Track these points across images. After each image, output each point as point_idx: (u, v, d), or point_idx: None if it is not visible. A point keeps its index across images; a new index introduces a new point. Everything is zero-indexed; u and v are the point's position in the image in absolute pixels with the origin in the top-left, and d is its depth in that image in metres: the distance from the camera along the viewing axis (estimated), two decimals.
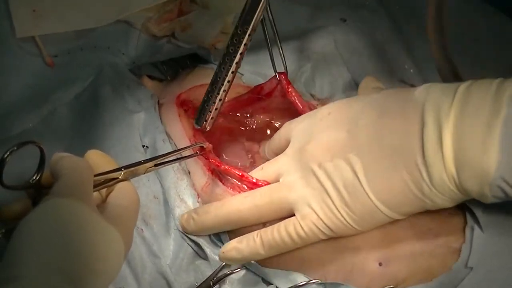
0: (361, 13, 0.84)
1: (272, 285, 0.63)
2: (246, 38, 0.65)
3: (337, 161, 0.57)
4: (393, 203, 0.56)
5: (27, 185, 0.50)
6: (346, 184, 0.57)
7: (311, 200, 0.59)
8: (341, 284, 0.61)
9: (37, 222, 0.44)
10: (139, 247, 0.66)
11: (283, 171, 0.62)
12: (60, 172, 0.49)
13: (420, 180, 0.53)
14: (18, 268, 0.41)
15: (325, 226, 0.58)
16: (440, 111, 0.52)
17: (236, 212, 0.63)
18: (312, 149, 0.60)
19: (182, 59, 0.85)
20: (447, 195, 0.54)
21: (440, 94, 0.53)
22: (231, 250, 0.62)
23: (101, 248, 0.46)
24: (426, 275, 0.61)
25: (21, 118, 0.79)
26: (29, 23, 0.83)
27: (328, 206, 0.58)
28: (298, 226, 0.59)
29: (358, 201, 0.57)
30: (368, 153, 0.56)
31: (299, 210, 0.60)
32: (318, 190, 0.58)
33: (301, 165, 0.60)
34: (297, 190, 0.60)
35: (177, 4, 0.84)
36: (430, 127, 0.52)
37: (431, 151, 0.52)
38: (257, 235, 0.61)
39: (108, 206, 0.52)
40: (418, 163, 0.53)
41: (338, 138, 0.58)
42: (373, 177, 0.56)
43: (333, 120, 0.60)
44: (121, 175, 0.55)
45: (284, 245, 0.60)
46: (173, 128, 0.73)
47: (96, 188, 0.52)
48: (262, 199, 0.62)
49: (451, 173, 0.52)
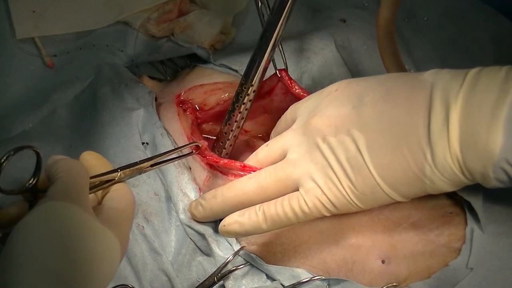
0: (360, 14, 0.84)
1: (276, 281, 0.63)
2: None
3: (341, 136, 0.57)
4: (394, 181, 0.55)
5: (24, 189, 0.50)
6: (349, 159, 0.56)
7: (315, 174, 0.58)
8: (344, 280, 0.61)
9: (32, 226, 0.44)
10: (140, 244, 0.66)
11: (287, 146, 0.61)
12: (55, 175, 0.49)
13: (422, 160, 0.53)
14: (14, 272, 0.41)
15: (329, 201, 0.58)
16: (449, 92, 0.52)
17: (241, 194, 0.63)
18: (317, 123, 0.59)
19: (181, 59, 0.85)
20: (449, 176, 0.53)
21: (449, 78, 0.53)
22: (233, 223, 0.61)
23: (96, 251, 0.46)
24: (426, 274, 0.61)
25: (20, 119, 0.79)
26: (29, 24, 0.83)
27: (332, 180, 0.57)
28: (302, 201, 0.58)
29: (360, 176, 0.56)
30: (372, 129, 0.55)
31: (303, 185, 0.58)
32: (322, 164, 0.57)
33: (306, 139, 0.60)
34: (301, 165, 0.59)
35: (176, 5, 0.84)
36: (437, 107, 0.52)
37: (436, 130, 0.52)
38: (259, 209, 0.60)
39: (104, 208, 0.52)
40: (421, 142, 0.52)
41: (343, 113, 0.58)
42: (376, 153, 0.55)
43: (339, 96, 0.60)
44: (117, 177, 0.55)
45: (287, 220, 0.59)
46: (172, 127, 0.73)
47: (91, 190, 0.52)
48: (267, 178, 0.61)
49: (455, 154, 0.51)
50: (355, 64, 0.81)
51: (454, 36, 0.82)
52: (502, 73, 0.50)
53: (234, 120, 0.69)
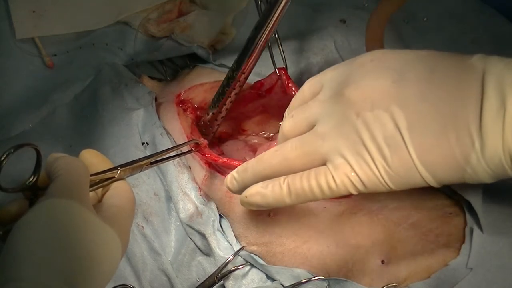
0: (360, 14, 0.84)
1: (276, 282, 0.63)
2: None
3: (378, 111, 0.53)
4: (433, 166, 0.52)
5: (24, 187, 0.50)
6: (386, 137, 0.52)
7: (345, 150, 0.54)
8: (344, 280, 0.61)
9: (33, 223, 0.44)
10: (139, 244, 0.66)
11: (315, 119, 0.57)
12: (55, 172, 0.49)
13: (469, 148, 0.50)
14: (15, 269, 0.41)
15: (359, 180, 0.54)
16: (504, 81, 0.49)
17: (268, 167, 0.59)
18: (350, 95, 0.55)
19: (181, 59, 0.85)
20: (494, 168, 0.51)
21: (503, 66, 0.50)
22: (255, 194, 0.59)
23: (97, 248, 0.46)
24: (426, 274, 0.61)
25: (20, 119, 0.79)
26: (29, 24, 0.83)
27: (363, 158, 0.53)
28: (330, 177, 0.55)
29: (397, 156, 0.52)
30: (414, 109, 0.52)
31: (332, 160, 0.55)
32: (354, 140, 0.54)
33: (337, 111, 0.56)
34: (330, 140, 0.55)
35: (176, 5, 0.84)
36: (491, 95, 0.49)
37: (489, 119, 0.49)
38: (284, 182, 0.57)
39: (104, 205, 0.52)
40: (471, 129, 0.50)
41: (381, 87, 0.53)
42: (417, 134, 0.52)
43: (376, 67, 0.55)
44: (117, 174, 0.55)
45: (312, 195, 0.56)
46: (172, 126, 0.73)
47: (92, 188, 0.52)
48: (293, 152, 0.58)
49: (508, 145, 0.49)
50: None
51: (454, 37, 0.82)
52: None
53: (223, 103, 0.70)
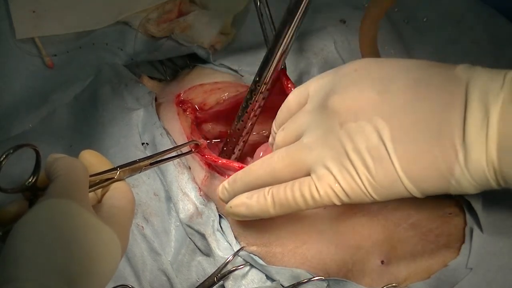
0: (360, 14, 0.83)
1: (276, 282, 0.63)
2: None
3: (362, 122, 0.53)
4: (417, 177, 0.52)
5: (24, 187, 0.50)
6: (370, 148, 0.52)
7: (329, 161, 0.54)
8: (343, 280, 0.61)
9: (33, 223, 0.44)
10: (139, 245, 0.66)
11: (302, 130, 0.58)
12: (55, 173, 0.49)
13: (453, 159, 0.50)
14: (14, 269, 0.41)
15: (342, 191, 0.54)
16: (488, 93, 0.49)
17: (256, 178, 0.60)
18: (334, 105, 0.55)
19: (181, 59, 0.85)
20: (479, 180, 0.50)
21: (487, 78, 0.50)
22: (240, 205, 0.60)
23: (97, 248, 0.46)
24: (426, 274, 0.61)
25: (20, 119, 0.80)
26: (29, 24, 0.83)
27: (347, 169, 0.53)
28: (314, 187, 0.55)
29: (380, 168, 0.52)
30: (398, 120, 0.52)
31: (316, 171, 0.55)
32: (338, 151, 0.54)
33: (322, 122, 0.56)
34: (315, 150, 0.56)
35: (176, 5, 0.84)
36: (475, 106, 0.49)
37: (473, 131, 0.49)
38: (268, 192, 0.58)
39: (104, 206, 0.52)
40: (455, 141, 0.50)
41: (365, 98, 0.54)
42: (401, 146, 0.52)
43: (360, 77, 0.55)
44: (116, 175, 0.55)
45: (296, 206, 0.57)
46: (172, 127, 0.73)
47: (91, 189, 0.53)
48: (279, 162, 0.58)
49: (491, 158, 0.49)
50: None
51: (454, 37, 0.82)
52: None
53: (247, 117, 0.68)
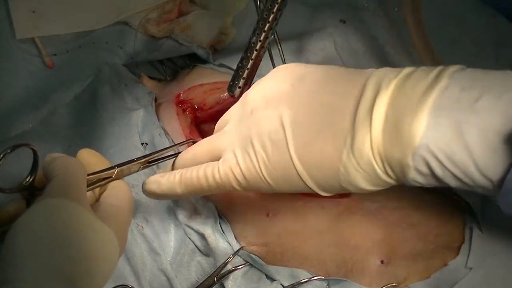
0: (360, 14, 0.84)
1: (276, 282, 0.63)
2: (280, 2, 0.63)
3: (269, 110, 0.55)
4: (309, 162, 0.52)
5: (21, 187, 0.50)
6: (271, 134, 0.54)
7: (236, 146, 0.56)
8: (343, 280, 0.61)
9: (31, 223, 0.44)
10: (139, 244, 0.66)
11: (227, 120, 0.60)
12: (53, 172, 0.49)
13: (341, 144, 0.50)
14: (12, 269, 0.41)
15: (241, 173, 0.55)
16: (382, 81, 0.49)
17: (181, 162, 0.62)
18: (252, 96, 0.58)
19: (181, 59, 0.85)
20: (364, 166, 0.49)
21: (388, 70, 0.50)
22: (152, 182, 0.61)
23: (95, 248, 0.46)
24: (425, 274, 0.61)
25: (20, 119, 0.79)
26: (29, 24, 0.83)
27: (248, 153, 0.55)
28: (216, 169, 0.57)
29: (276, 151, 0.53)
30: (302, 108, 0.53)
31: (224, 155, 0.57)
32: (244, 136, 0.56)
33: (239, 112, 0.59)
34: (229, 136, 0.58)
35: (176, 5, 0.84)
36: (368, 92, 0.49)
37: (362, 115, 0.49)
38: (178, 172, 0.60)
39: (102, 205, 0.52)
40: (345, 127, 0.49)
41: (279, 89, 0.56)
42: (299, 130, 0.53)
43: (283, 74, 0.58)
44: (114, 174, 0.55)
45: (199, 186, 0.58)
46: (171, 126, 0.73)
47: (89, 188, 0.53)
48: (199, 147, 0.61)
49: (376, 141, 0.48)
50: (354, 65, 0.81)
51: (454, 37, 0.82)
52: (437, 69, 0.48)
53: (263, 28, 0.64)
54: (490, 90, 0.44)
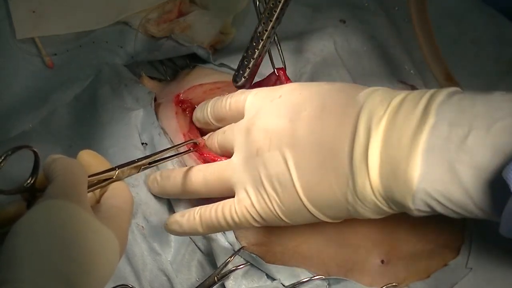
0: (360, 14, 0.84)
1: (276, 281, 0.63)
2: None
3: (274, 151, 0.56)
4: (319, 203, 0.54)
5: (22, 189, 0.50)
6: (279, 176, 0.56)
7: (247, 185, 0.58)
8: (344, 279, 0.61)
9: (31, 224, 0.44)
10: (139, 245, 0.66)
11: (233, 145, 0.62)
12: (53, 174, 0.49)
13: (345, 186, 0.51)
14: (12, 270, 0.41)
15: (257, 213, 0.58)
16: (372, 119, 0.50)
17: (189, 184, 0.64)
18: (255, 133, 0.59)
19: (181, 59, 0.85)
20: (370, 206, 0.51)
21: (378, 102, 0.51)
22: (173, 223, 0.63)
23: (95, 249, 0.46)
24: (425, 274, 0.61)
25: (20, 119, 0.79)
26: (29, 24, 0.83)
27: (261, 194, 0.57)
28: (233, 209, 0.59)
29: (287, 195, 0.55)
30: (302, 149, 0.55)
31: (237, 193, 0.59)
32: (254, 176, 0.58)
33: (245, 146, 0.60)
34: (238, 173, 0.59)
35: (176, 5, 0.84)
36: (360, 133, 0.50)
37: (358, 159, 0.50)
38: (197, 212, 0.61)
39: (102, 206, 0.52)
40: (345, 170, 0.51)
41: (279, 127, 0.57)
42: (303, 174, 0.54)
43: (280, 105, 0.59)
44: (115, 175, 0.55)
45: (220, 226, 0.60)
46: (170, 126, 0.73)
47: (90, 189, 0.52)
48: (211, 176, 0.62)
49: (375, 183, 0.49)
50: (354, 65, 0.81)
51: (454, 37, 0.82)
52: (425, 98, 0.48)
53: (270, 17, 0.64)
54: (478, 124, 0.45)
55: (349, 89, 0.55)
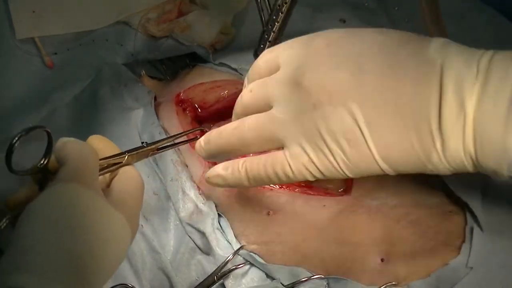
0: (360, 14, 0.84)
1: (276, 280, 0.63)
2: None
3: (337, 107, 0.52)
4: (393, 160, 0.52)
5: (35, 169, 0.49)
6: (345, 131, 0.52)
7: (303, 141, 0.54)
8: (343, 279, 0.60)
9: (43, 207, 0.44)
10: (139, 243, 0.66)
11: (273, 99, 0.56)
12: (65, 157, 0.49)
13: (430, 147, 0.50)
14: (25, 253, 0.41)
15: (316, 169, 0.55)
16: (463, 82, 0.48)
17: (227, 144, 0.60)
18: (308, 85, 0.54)
19: (181, 59, 0.85)
20: (456, 166, 0.51)
21: (461, 63, 0.49)
22: (216, 177, 0.61)
23: (107, 233, 0.46)
24: (426, 273, 0.60)
25: (20, 119, 0.79)
26: (29, 24, 0.83)
27: (322, 151, 0.54)
28: (287, 165, 0.55)
29: (356, 151, 0.53)
30: (373, 105, 0.52)
31: (289, 148, 0.55)
32: (312, 132, 0.54)
33: (294, 99, 0.55)
34: (287, 127, 0.55)
35: (176, 5, 0.84)
36: (450, 97, 0.49)
37: (449, 122, 0.49)
38: (242, 166, 0.59)
39: (113, 190, 0.52)
40: (432, 131, 0.50)
41: (340, 79, 0.53)
42: (377, 130, 0.52)
43: (333, 55, 0.54)
44: (124, 160, 0.55)
45: (269, 181, 0.58)
46: (171, 125, 0.73)
47: (100, 173, 0.52)
48: (250, 132, 0.58)
49: (468, 148, 0.49)
50: None
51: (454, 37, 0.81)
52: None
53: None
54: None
55: (411, 41, 0.53)
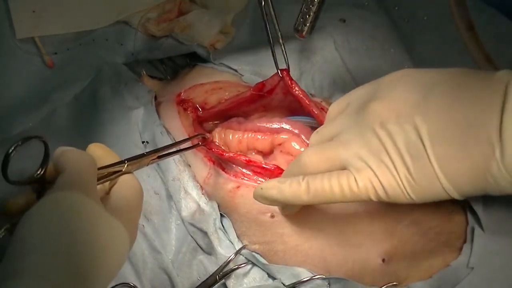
0: (360, 14, 0.84)
1: (277, 280, 0.63)
2: None
3: (402, 122, 0.54)
4: (454, 175, 0.53)
5: (32, 179, 0.49)
6: (409, 147, 0.53)
7: (367, 157, 0.55)
8: (344, 279, 0.60)
9: (41, 216, 0.44)
10: (140, 243, 0.66)
11: (339, 130, 0.59)
12: (63, 165, 0.49)
13: (490, 157, 0.50)
14: (21, 261, 0.41)
15: (380, 186, 0.54)
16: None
17: (289, 172, 0.61)
18: (376, 108, 0.56)
19: (181, 59, 0.85)
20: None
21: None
22: (272, 188, 0.59)
23: (105, 241, 0.46)
24: (427, 274, 0.60)
25: (20, 119, 0.80)
26: (29, 24, 0.83)
27: (387, 166, 0.54)
28: (352, 179, 0.55)
29: (418, 166, 0.53)
30: (438, 120, 0.53)
31: (353, 164, 0.56)
32: (377, 149, 0.55)
33: (360, 122, 0.57)
34: (351, 146, 0.56)
35: (176, 4, 0.84)
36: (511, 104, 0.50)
37: (509, 128, 0.49)
38: (303, 179, 0.58)
39: (112, 198, 0.52)
40: (492, 139, 0.50)
41: (410, 100, 0.55)
42: (439, 143, 0.52)
43: (407, 82, 0.56)
44: (124, 168, 0.55)
45: (331, 196, 0.56)
46: (172, 125, 0.73)
47: (99, 181, 0.52)
48: (313, 156, 0.59)
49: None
50: (355, 64, 0.81)
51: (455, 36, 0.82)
52: None
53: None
54: None
55: (480, 71, 0.55)
